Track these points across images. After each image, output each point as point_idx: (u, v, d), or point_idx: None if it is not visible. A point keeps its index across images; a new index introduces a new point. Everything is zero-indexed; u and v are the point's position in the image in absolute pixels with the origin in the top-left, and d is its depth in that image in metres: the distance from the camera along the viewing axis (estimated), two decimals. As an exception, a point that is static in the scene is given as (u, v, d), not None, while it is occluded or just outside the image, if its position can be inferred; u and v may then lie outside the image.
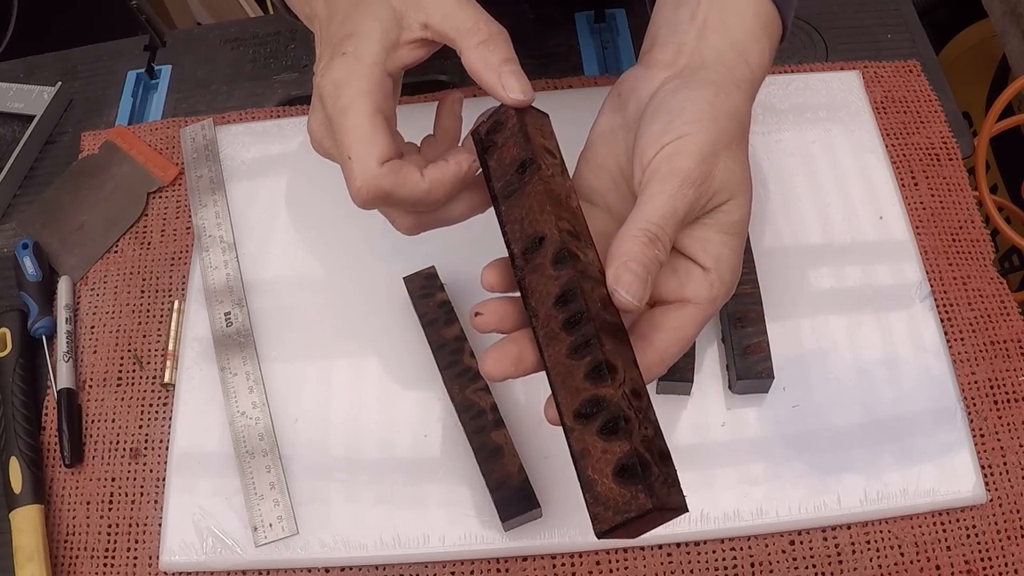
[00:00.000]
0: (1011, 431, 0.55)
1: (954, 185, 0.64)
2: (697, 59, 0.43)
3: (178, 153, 0.70)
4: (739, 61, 0.43)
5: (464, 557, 0.53)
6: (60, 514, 0.57)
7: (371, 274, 0.62)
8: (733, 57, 0.43)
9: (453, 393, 0.55)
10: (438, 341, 0.57)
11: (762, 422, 0.55)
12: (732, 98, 0.41)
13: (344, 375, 0.59)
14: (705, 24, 0.43)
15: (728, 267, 0.40)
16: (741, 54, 0.43)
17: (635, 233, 0.37)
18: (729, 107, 0.40)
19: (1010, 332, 0.58)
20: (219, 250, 0.64)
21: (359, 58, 0.41)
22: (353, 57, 0.41)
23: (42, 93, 0.75)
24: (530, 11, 0.76)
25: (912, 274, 0.59)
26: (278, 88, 0.75)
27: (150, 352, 0.62)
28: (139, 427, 0.59)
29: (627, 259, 0.36)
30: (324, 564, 0.53)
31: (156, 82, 0.77)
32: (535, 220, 0.38)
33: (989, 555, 0.51)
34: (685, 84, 0.41)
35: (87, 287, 0.65)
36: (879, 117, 0.66)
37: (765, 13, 0.44)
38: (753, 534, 0.52)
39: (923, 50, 0.71)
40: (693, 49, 0.43)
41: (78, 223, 0.68)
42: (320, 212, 0.65)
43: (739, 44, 0.43)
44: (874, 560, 0.51)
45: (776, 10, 0.45)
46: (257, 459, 0.56)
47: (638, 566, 0.52)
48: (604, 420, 0.34)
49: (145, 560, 0.55)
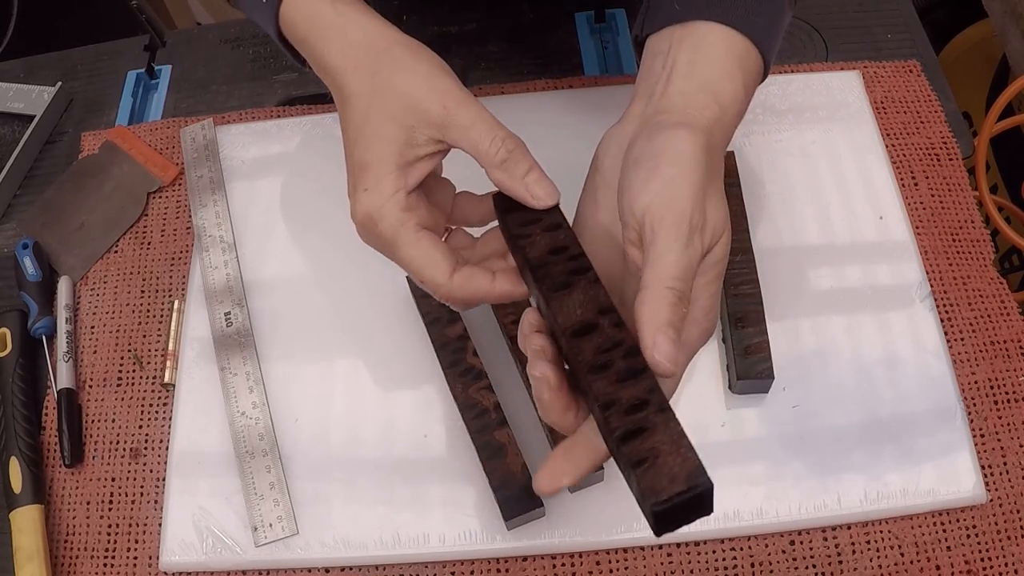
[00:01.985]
0: (1011, 431, 0.55)
1: (954, 185, 0.64)
2: (665, 104, 0.43)
3: (178, 153, 0.70)
4: (708, 102, 0.42)
5: (464, 557, 0.53)
6: (60, 514, 0.57)
7: (372, 273, 0.62)
8: (702, 99, 0.42)
9: (456, 392, 0.55)
10: (441, 340, 0.57)
11: (762, 422, 0.55)
12: (701, 139, 0.41)
13: (344, 375, 0.59)
14: (673, 69, 0.44)
15: (704, 312, 0.40)
16: (711, 95, 0.43)
17: (664, 295, 0.37)
18: (704, 145, 0.41)
19: (1010, 332, 0.58)
20: (219, 250, 0.64)
21: (380, 192, 0.43)
22: (376, 192, 0.43)
23: (42, 93, 0.75)
24: (530, 11, 0.76)
25: (912, 274, 0.59)
26: (278, 88, 0.75)
27: (150, 352, 0.62)
28: (139, 427, 0.59)
29: (662, 324, 0.37)
30: (324, 564, 0.53)
31: (156, 82, 0.77)
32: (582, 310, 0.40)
33: (989, 555, 0.51)
34: (657, 129, 0.41)
35: (87, 287, 0.65)
36: (879, 117, 0.66)
37: (739, 49, 0.44)
38: (753, 534, 0.52)
39: (923, 50, 0.71)
40: (661, 95, 0.43)
41: (78, 223, 0.68)
42: (320, 212, 0.65)
43: (708, 84, 0.43)
44: (874, 560, 0.51)
45: (752, 45, 0.44)
46: (257, 459, 0.56)
47: (638, 566, 0.52)
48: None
49: (145, 560, 0.55)
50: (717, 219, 0.40)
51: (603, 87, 0.69)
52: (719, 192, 0.41)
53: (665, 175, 0.39)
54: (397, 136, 0.43)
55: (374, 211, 0.43)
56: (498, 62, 0.72)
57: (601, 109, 0.67)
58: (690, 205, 0.38)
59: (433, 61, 0.44)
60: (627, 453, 0.35)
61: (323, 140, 0.69)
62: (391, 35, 0.45)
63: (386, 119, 0.43)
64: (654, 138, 0.41)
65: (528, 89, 0.69)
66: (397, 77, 0.43)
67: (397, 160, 0.43)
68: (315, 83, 0.74)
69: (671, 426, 0.36)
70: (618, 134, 0.44)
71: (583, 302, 0.39)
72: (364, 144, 0.43)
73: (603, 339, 0.38)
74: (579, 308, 0.39)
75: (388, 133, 0.43)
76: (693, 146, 0.40)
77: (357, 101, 0.44)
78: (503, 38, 0.74)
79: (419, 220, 0.43)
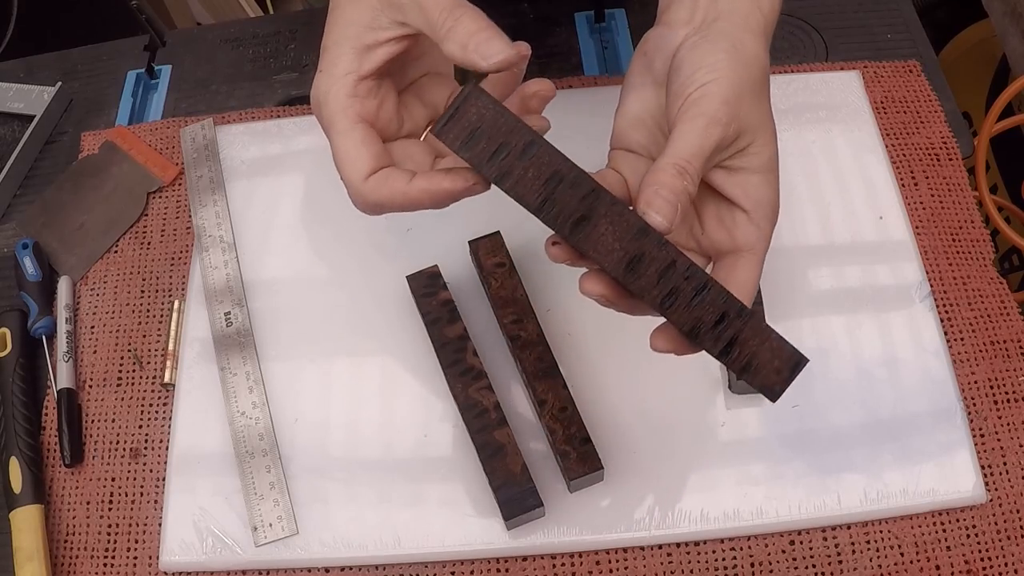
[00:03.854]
0: (1011, 431, 0.55)
1: (954, 185, 0.64)
2: (712, 13, 0.44)
3: (178, 153, 0.70)
4: (752, 9, 0.44)
5: (464, 557, 0.53)
6: (60, 514, 0.57)
7: (373, 273, 0.62)
8: (746, 5, 0.44)
9: (456, 392, 0.55)
10: (441, 340, 0.57)
11: (762, 422, 0.55)
12: (748, 46, 0.43)
13: (344, 375, 0.59)
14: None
15: (767, 206, 0.43)
16: (754, 1, 0.45)
17: (665, 167, 0.40)
18: (747, 55, 0.42)
19: (1010, 332, 0.58)
20: (219, 250, 0.64)
21: (332, 74, 0.42)
22: (328, 74, 0.43)
23: (42, 93, 0.75)
24: (530, 11, 0.76)
25: (912, 274, 0.59)
26: (278, 88, 0.75)
27: (150, 352, 0.62)
28: (139, 427, 0.59)
29: (658, 187, 0.39)
30: (324, 564, 0.53)
31: (156, 82, 0.77)
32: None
33: (989, 555, 0.51)
34: (703, 39, 0.43)
35: (87, 287, 0.65)
36: (879, 117, 0.66)
37: None
38: (753, 534, 0.52)
39: (923, 50, 0.71)
40: (708, 4, 0.45)
41: (78, 223, 0.68)
42: (320, 211, 0.65)
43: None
44: (874, 560, 0.51)
45: None
46: (257, 459, 0.56)
47: (638, 566, 0.52)
48: None
49: (145, 560, 0.55)
50: (753, 121, 0.42)
51: (603, 87, 0.69)
52: (760, 98, 0.43)
53: (700, 82, 0.41)
54: (360, 19, 0.42)
55: (322, 93, 0.43)
56: (498, 62, 0.72)
57: (601, 109, 0.67)
58: (716, 105, 0.40)
59: None
60: (730, 365, 0.40)
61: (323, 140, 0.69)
62: None
63: (352, 1, 0.42)
64: (698, 47, 0.43)
65: (528, 89, 0.69)
66: None
67: (354, 43, 0.42)
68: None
69: (754, 324, 0.39)
70: (666, 36, 0.45)
71: (615, 233, 0.39)
72: (330, 28, 0.43)
73: (656, 266, 0.39)
74: (616, 241, 0.39)
75: (351, 16, 0.42)
76: (730, 59, 0.42)
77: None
78: (503, 38, 0.74)
79: (362, 110, 0.43)
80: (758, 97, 0.43)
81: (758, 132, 0.42)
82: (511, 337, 0.56)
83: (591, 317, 0.59)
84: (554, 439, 0.52)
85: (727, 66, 0.41)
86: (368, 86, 0.43)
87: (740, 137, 0.42)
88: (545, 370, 0.55)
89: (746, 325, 0.39)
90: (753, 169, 0.43)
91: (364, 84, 0.43)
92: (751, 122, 0.42)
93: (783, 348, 0.40)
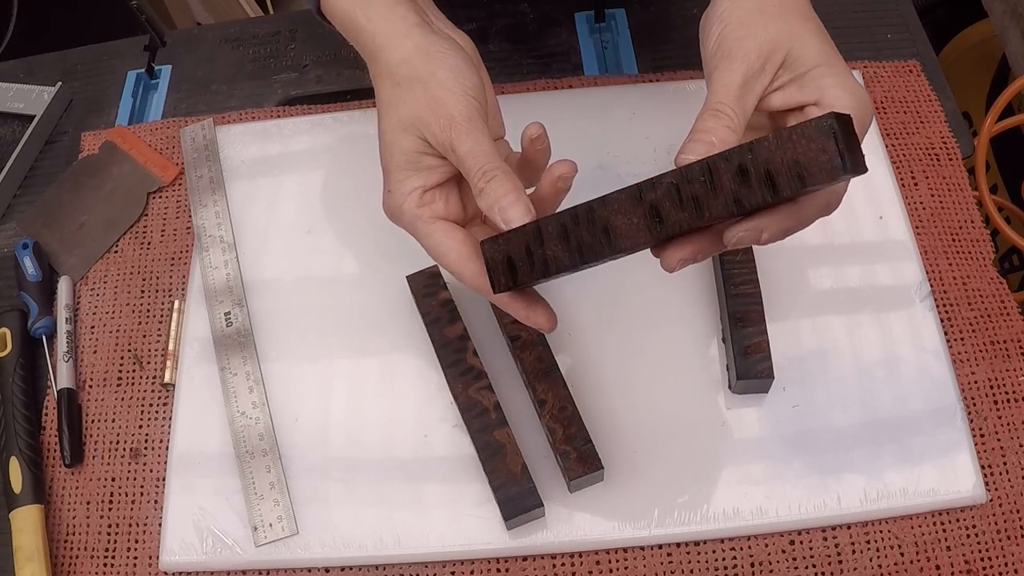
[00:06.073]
0: (1011, 431, 0.55)
1: (954, 185, 0.64)
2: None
3: (178, 153, 0.70)
4: None
5: (464, 557, 0.53)
6: (60, 514, 0.57)
7: (372, 273, 0.62)
8: None
9: (456, 392, 0.55)
10: (441, 340, 0.57)
11: (762, 422, 0.55)
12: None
13: (344, 375, 0.59)
14: None
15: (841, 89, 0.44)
16: None
17: (699, 116, 0.43)
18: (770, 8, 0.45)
19: (1010, 332, 0.58)
20: (219, 250, 0.64)
21: (400, 192, 0.48)
22: (396, 193, 0.48)
23: (42, 93, 0.75)
24: (530, 11, 0.76)
25: (912, 274, 0.59)
26: (278, 88, 0.75)
27: (150, 352, 0.62)
28: (139, 427, 0.59)
29: (692, 135, 0.43)
30: (324, 564, 0.53)
31: (156, 82, 0.77)
32: None
33: (989, 555, 0.51)
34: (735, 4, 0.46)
35: (87, 287, 0.65)
36: (879, 117, 0.66)
37: None
38: (753, 534, 0.52)
39: (923, 50, 0.71)
40: None
41: (78, 223, 0.68)
42: (320, 212, 0.65)
43: None
44: (874, 560, 0.51)
45: None
46: (257, 459, 0.56)
47: (638, 566, 0.52)
48: None
49: (145, 560, 0.55)
50: (770, 35, 0.44)
51: (603, 87, 0.69)
52: (775, 16, 0.45)
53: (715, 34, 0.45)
54: (410, 146, 0.47)
55: (396, 208, 0.48)
56: (498, 62, 0.72)
57: (601, 109, 0.67)
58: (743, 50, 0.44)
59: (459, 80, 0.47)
60: (787, 187, 0.38)
61: (323, 140, 0.69)
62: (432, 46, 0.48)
63: (400, 130, 0.47)
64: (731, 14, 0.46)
65: (528, 89, 0.69)
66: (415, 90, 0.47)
67: (415, 165, 0.48)
68: (315, 83, 0.74)
69: (768, 143, 0.38)
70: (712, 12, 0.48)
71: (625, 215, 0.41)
72: (386, 151, 0.48)
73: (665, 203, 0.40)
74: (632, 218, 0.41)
75: (404, 145, 0.47)
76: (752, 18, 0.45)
77: (383, 108, 0.48)
78: (503, 38, 0.74)
79: (434, 212, 0.48)
80: (775, 16, 0.45)
81: (793, 41, 0.44)
82: (511, 337, 0.56)
83: (591, 318, 0.59)
84: (554, 439, 0.52)
85: (729, 9, 0.45)
86: (433, 193, 0.48)
87: (773, 54, 0.44)
88: (545, 370, 0.55)
89: (763, 149, 0.38)
90: (807, 71, 0.44)
91: (429, 194, 0.48)
92: (771, 36, 0.44)
93: (808, 127, 0.37)
